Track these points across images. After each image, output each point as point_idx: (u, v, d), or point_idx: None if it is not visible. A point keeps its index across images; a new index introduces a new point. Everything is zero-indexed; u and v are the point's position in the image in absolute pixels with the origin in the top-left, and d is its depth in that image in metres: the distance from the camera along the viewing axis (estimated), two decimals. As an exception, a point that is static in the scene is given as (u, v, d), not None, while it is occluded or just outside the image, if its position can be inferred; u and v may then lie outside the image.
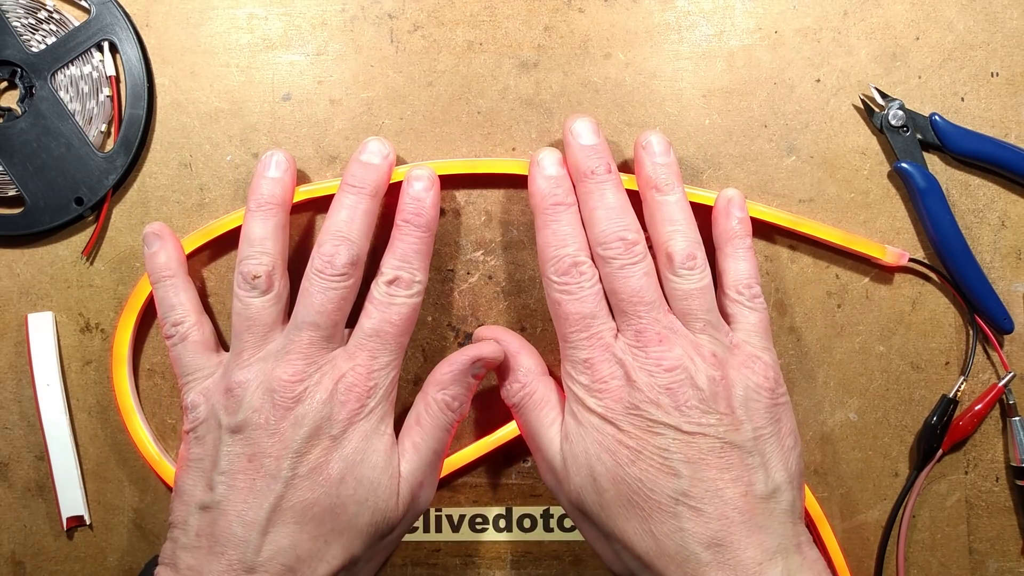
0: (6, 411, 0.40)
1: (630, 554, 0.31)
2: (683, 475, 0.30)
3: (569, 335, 0.33)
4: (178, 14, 0.40)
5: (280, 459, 0.31)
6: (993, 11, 0.39)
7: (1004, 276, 0.39)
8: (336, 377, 0.32)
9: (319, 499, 0.31)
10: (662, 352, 0.32)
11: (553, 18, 0.39)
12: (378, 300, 0.34)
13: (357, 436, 0.32)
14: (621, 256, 0.33)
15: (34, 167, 0.39)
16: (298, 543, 0.30)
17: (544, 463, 0.35)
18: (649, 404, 0.31)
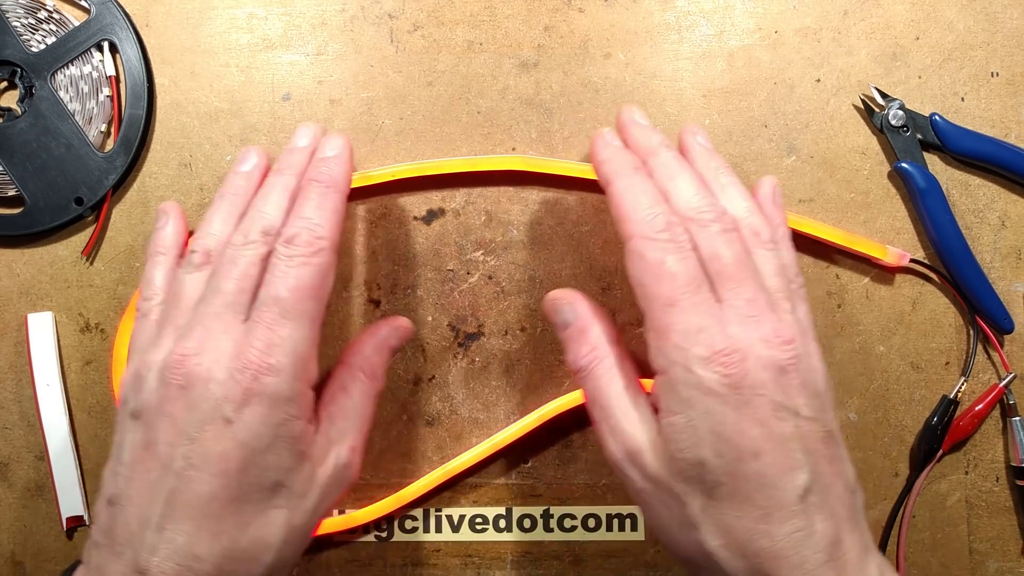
0: (6, 411, 0.40)
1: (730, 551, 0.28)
2: (805, 468, 0.27)
3: (679, 299, 0.29)
4: (178, 14, 0.40)
5: (173, 447, 0.28)
6: (993, 11, 0.39)
7: (1004, 276, 0.39)
8: (234, 352, 0.29)
9: (217, 492, 0.28)
10: (778, 325, 0.29)
11: (553, 18, 0.39)
12: (275, 263, 0.30)
13: (257, 419, 0.28)
14: (720, 220, 0.30)
15: (34, 167, 0.39)
16: (195, 542, 0.28)
17: (614, 435, 0.31)
18: (772, 383, 0.28)
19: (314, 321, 0.30)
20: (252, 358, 0.28)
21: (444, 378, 0.40)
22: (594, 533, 0.40)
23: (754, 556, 0.28)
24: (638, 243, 0.30)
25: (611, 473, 0.40)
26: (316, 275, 0.30)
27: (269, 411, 0.28)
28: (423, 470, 0.40)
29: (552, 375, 0.39)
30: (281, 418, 0.28)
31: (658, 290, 0.29)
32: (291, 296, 0.30)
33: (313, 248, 0.30)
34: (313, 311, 0.30)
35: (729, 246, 0.30)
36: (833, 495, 0.28)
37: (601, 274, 0.39)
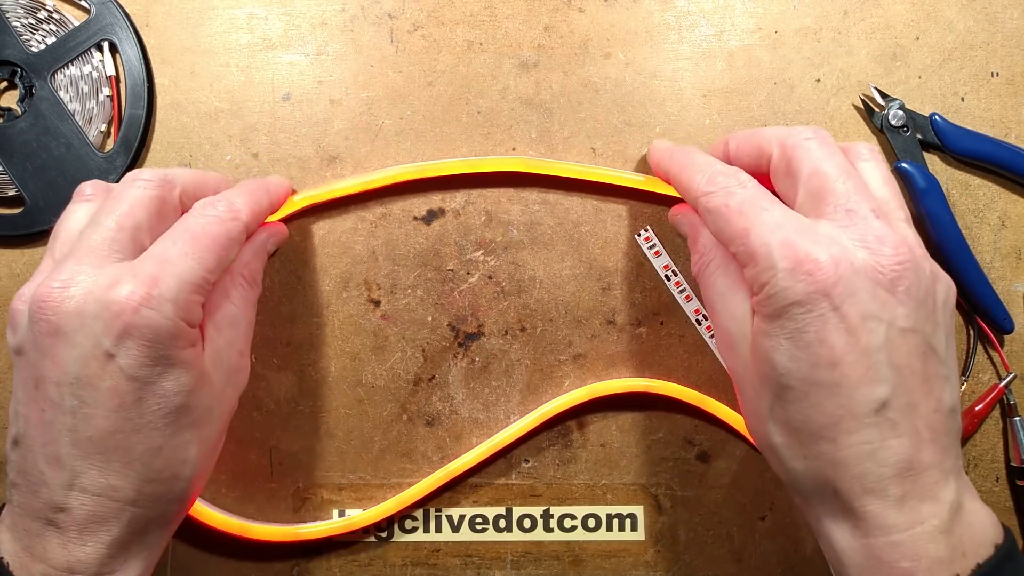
0: (6, 411, 0.40)
1: (792, 451, 0.29)
2: (887, 382, 0.27)
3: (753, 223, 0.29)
4: (178, 14, 0.40)
5: (60, 386, 0.27)
6: (993, 11, 0.39)
7: (1004, 276, 0.39)
8: (109, 284, 0.27)
9: (118, 425, 0.28)
10: (883, 231, 0.28)
11: (553, 18, 0.39)
12: (184, 217, 0.31)
13: (140, 351, 0.27)
14: (817, 135, 0.30)
15: (34, 167, 0.39)
16: (108, 474, 0.28)
17: (717, 330, 0.32)
18: (866, 291, 0.27)
19: (207, 272, 0.29)
20: (132, 290, 0.27)
21: (444, 378, 0.40)
22: (594, 533, 0.40)
23: (815, 459, 0.28)
24: (702, 202, 0.31)
25: (611, 473, 0.40)
26: (223, 234, 0.30)
27: (152, 344, 0.27)
28: (423, 470, 0.40)
29: (552, 375, 0.39)
30: (165, 349, 0.28)
31: (732, 228, 0.29)
32: (192, 239, 0.29)
33: (229, 215, 0.31)
34: (209, 263, 0.29)
35: (830, 158, 0.29)
36: (918, 414, 0.27)
37: (601, 274, 0.39)
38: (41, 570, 0.28)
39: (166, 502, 0.29)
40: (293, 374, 0.40)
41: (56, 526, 0.28)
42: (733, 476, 0.39)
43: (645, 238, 0.39)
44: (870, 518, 0.27)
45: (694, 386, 0.39)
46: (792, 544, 0.39)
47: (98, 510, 0.28)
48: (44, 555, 0.28)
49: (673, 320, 0.39)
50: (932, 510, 0.27)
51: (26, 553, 0.28)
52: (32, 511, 0.28)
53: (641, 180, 0.38)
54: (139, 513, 0.29)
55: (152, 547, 0.30)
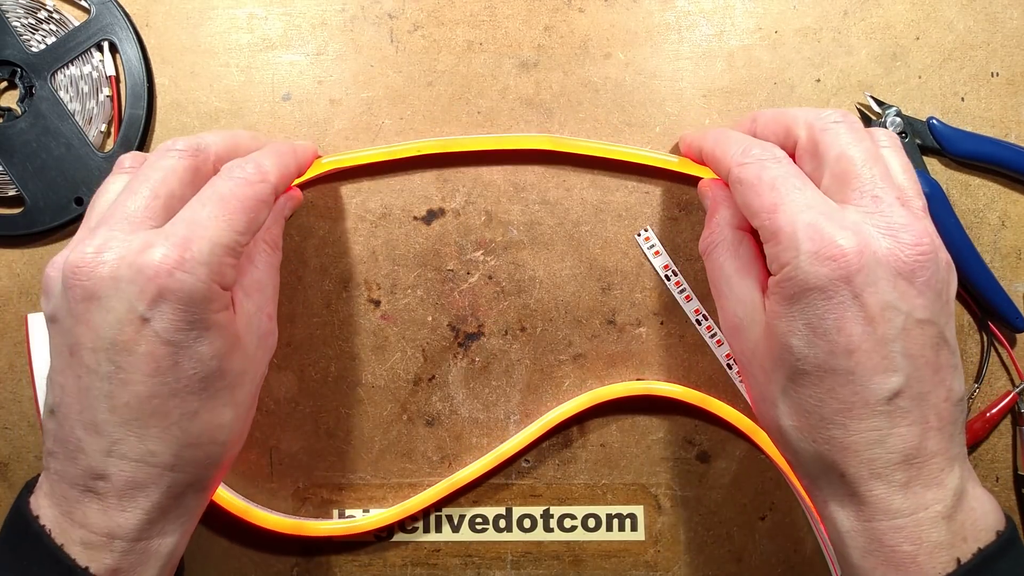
0: (6, 411, 0.40)
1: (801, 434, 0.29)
2: (900, 371, 0.27)
3: (781, 201, 0.28)
4: (178, 14, 0.40)
5: (96, 352, 0.27)
6: (993, 11, 0.39)
7: (1004, 276, 0.39)
8: (142, 249, 0.27)
9: (155, 390, 0.27)
10: (908, 220, 0.28)
11: (553, 18, 0.39)
12: (213, 180, 0.30)
13: (176, 315, 0.27)
14: (845, 120, 0.30)
15: (34, 167, 0.39)
16: (146, 439, 0.28)
17: (723, 312, 0.33)
18: (887, 280, 0.27)
19: (238, 235, 0.29)
20: (166, 253, 0.27)
21: (444, 378, 0.40)
22: (594, 533, 0.40)
23: (824, 443, 0.28)
24: (734, 172, 0.31)
25: (611, 473, 0.40)
26: (252, 196, 0.30)
27: (186, 307, 0.27)
28: (423, 470, 0.40)
29: (552, 375, 0.39)
30: (200, 313, 0.28)
31: (760, 202, 0.29)
32: (221, 202, 0.29)
33: (257, 177, 0.31)
34: (240, 225, 0.29)
35: (858, 143, 0.29)
36: (928, 403, 0.27)
37: (601, 274, 0.39)
38: (81, 535, 0.28)
39: (204, 467, 0.29)
40: (293, 374, 0.40)
41: (96, 492, 0.28)
42: (733, 476, 0.39)
43: (645, 238, 0.39)
44: (875, 502, 0.27)
45: (694, 386, 0.39)
46: (792, 544, 0.39)
47: (137, 476, 0.28)
48: (84, 520, 0.28)
49: (673, 320, 0.39)
50: (936, 496, 0.27)
51: (66, 519, 0.28)
52: (71, 478, 0.28)
53: (675, 162, 0.38)
54: (178, 478, 0.29)
55: (190, 511, 0.30)
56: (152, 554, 0.29)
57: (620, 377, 0.39)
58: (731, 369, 0.39)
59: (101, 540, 0.28)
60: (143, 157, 0.32)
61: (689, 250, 0.39)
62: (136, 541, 0.28)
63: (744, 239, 0.33)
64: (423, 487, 0.39)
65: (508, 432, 0.40)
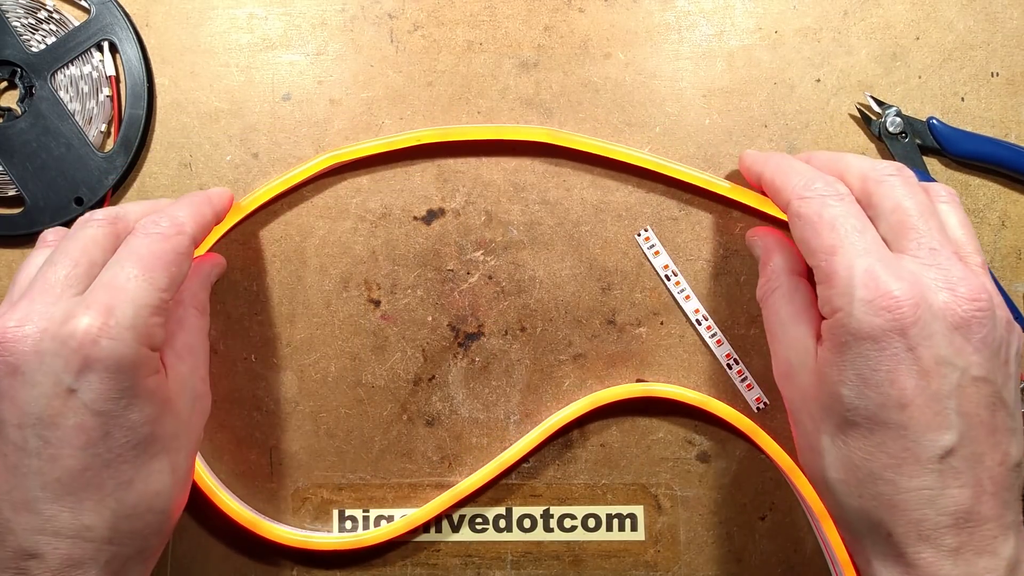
0: None
1: (848, 487, 0.28)
2: (954, 429, 0.26)
3: (840, 244, 0.28)
4: (178, 14, 0.40)
5: (23, 428, 0.27)
6: (993, 11, 0.39)
7: (1004, 276, 0.39)
8: (63, 319, 0.27)
9: (88, 463, 0.27)
10: (965, 274, 0.27)
11: (553, 18, 0.39)
12: (129, 238, 0.30)
13: (103, 384, 0.27)
14: (900, 174, 0.30)
15: (34, 167, 0.39)
16: (80, 515, 0.27)
17: (776, 358, 0.32)
18: (942, 335, 0.26)
19: (161, 292, 0.28)
20: (89, 322, 0.26)
21: (444, 378, 0.40)
22: (594, 533, 0.40)
23: (871, 499, 0.27)
24: (794, 205, 0.30)
25: (611, 473, 0.40)
26: (170, 250, 0.29)
27: (114, 375, 0.27)
28: (423, 470, 0.40)
29: (552, 375, 0.39)
30: (129, 379, 0.27)
31: (818, 241, 0.29)
32: (140, 261, 0.28)
33: (172, 230, 0.30)
34: (162, 282, 0.28)
35: (912, 196, 0.29)
36: (982, 465, 0.26)
37: (601, 274, 0.39)
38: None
39: (143, 537, 0.29)
40: (293, 374, 0.40)
41: (29, 574, 0.27)
42: (733, 476, 0.39)
43: (645, 238, 0.39)
44: (923, 566, 0.26)
45: (694, 386, 0.39)
46: (792, 544, 0.39)
47: (73, 552, 0.27)
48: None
49: (673, 320, 0.39)
50: (989, 565, 0.26)
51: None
52: (1, 562, 0.27)
53: (727, 187, 0.38)
54: (116, 551, 0.28)
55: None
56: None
57: (620, 377, 0.39)
58: (731, 369, 0.39)
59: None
60: (61, 230, 0.32)
61: (689, 250, 0.39)
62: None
63: (800, 285, 0.32)
64: (423, 487, 0.39)
65: (508, 432, 0.40)
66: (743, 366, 0.39)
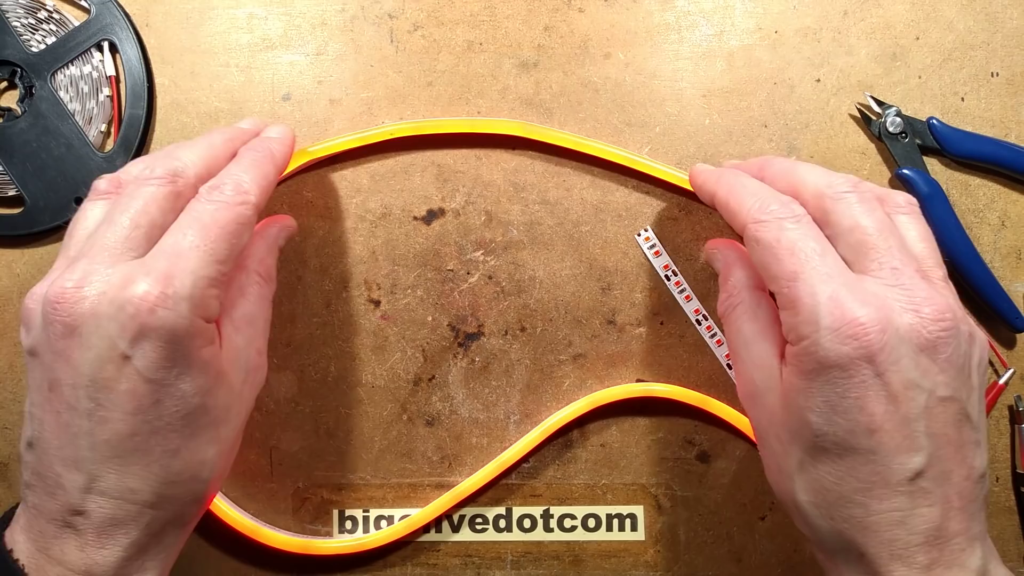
0: (6, 411, 0.40)
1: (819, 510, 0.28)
2: (923, 451, 0.26)
3: (802, 271, 0.27)
4: (178, 14, 0.40)
5: (76, 388, 0.27)
6: (993, 11, 0.39)
7: (1004, 276, 0.39)
8: (123, 284, 0.27)
9: (136, 428, 0.27)
10: (929, 293, 0.27)
11: (553, 18, 0.39)
12: (192, 204, 0.30)
13: (157, 353, 0.27)
14: (856, 190, 0.29)
15: (34, 167, 0.39)
16: (127, 477, 0.27)
17: (740, 377, 0.32)
18: (909, 358, 0.26)
19: (220, 264, 0.28)
20: (147, 289, 0.26)
21: (444, 378, 0.40)
22: (594, 533, 0.40)
23: (843, 521, 0.27)
24: (751, 230, 0.29)
25: (611, 473, 0.40)
26: (233, 220, 0.29)
27: (168, 345, 0.27)
28: (423, 470, 0.40)
29: (552, 375, 0.39)
30: (182, 349, 0.27)
31: (779, 267, 0.28)
32: (202, 230, 0.28)
33: (237, 199, 0.29)
34: (222, 253, 0.28)
35: (870, 213, 0.28)
36: (950, 482, 0.27)
37: (601, 274, 0.39)
38: (58, 572, 0.27)
39: (184, 503, 0.29)
40: (293, 374, 0.40)
41: (74, 528, 0.27)
42: (733, 476, 0.39)
43: (645, 238, 0.39)
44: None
45: (694, 386, 0.39)
46: (792, 544, 0.39)
47: (116, 513, 0.27)
48: (61, 557, 0.27)
49: (673, 320, 0.39)
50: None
51: (42, 555, 0.28)
52: (48, 513, 0.28)
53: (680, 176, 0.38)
54: (157, 515, 0.28)
55: (169, 548, 0.30)
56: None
57: (620, 377, 0.39)
58: (731, 369, 0.39)
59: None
60: (117, 180, 0.31)
61: (689, 250, 0.39)
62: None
63: (762, 300, 0.32)
64: (423, 487, 0.39)
65: (508, 432, 0.40)
66: (743, 366, 0.39)
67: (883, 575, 0.27)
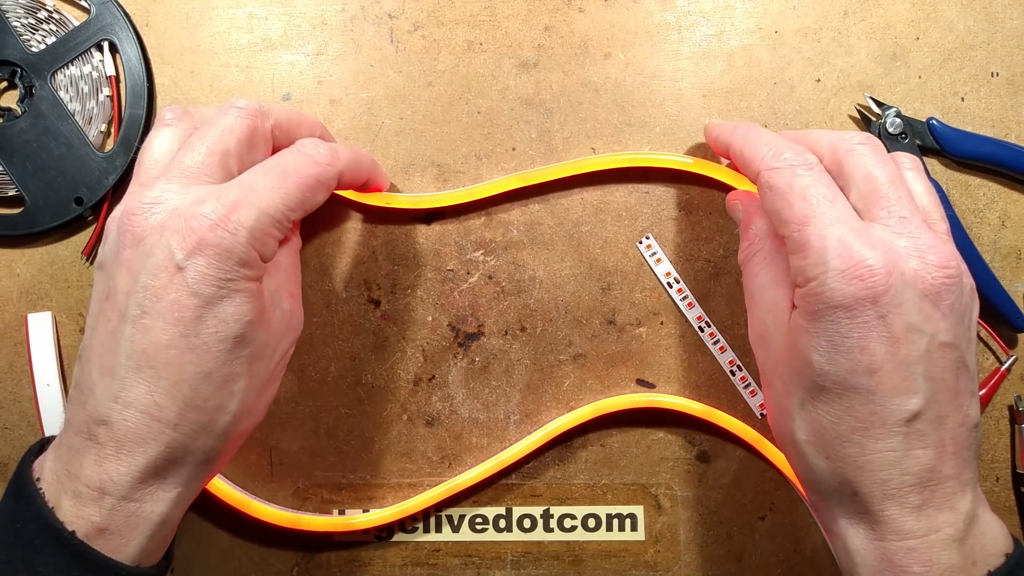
0: (6, 411, 0.40)
1: (816, 448, 0.29)
2: (921, 393, 0.27)
3: (812, 215, 0.28)
4: (178, 14, 0.40)
5: (129, 295, 0.28)
6: (993, 11, 0.39)
7: (1004, 276, 0.39)
8: (194, 202, 0.28)
9: (174, 340, 0.27)
10: (935, 242, 0.28)
11: (553, 18, 0.39)
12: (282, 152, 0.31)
13: (208, 269, 0.27)
14: (868, 142, 0.30)
15: (34, 167, 0.39)
16: (155, 390, 0.28)
17: (752, 320, 0.33)
18: (913, 302, 0.27)
19: (289, 211, 0.29)
20: (214, 208, 0.28)
21: (444, 378, 0.40)
22: (594, 533, 0.40)
23: (838, 460, 0.28)
24: (764, 176, 0.30)
25: (611, 473, 0.40)
26: (314, 176, 0.30)
27: (221, 263, 0.28)
28: (423, 469, 0.40)
29: (552, 375, 0.39)
30: (233, 273, 0.28)
31: (790, 212, 0.29)
32: (282, 174, 0.30)
33: (325, 159, 0.31)
34: (293, 201, 0.30)
35: (882, 165, 0.29)
36: (945, 427, 0.27)
37: (601, 274, 0.39)
38: (74, 488, 0.28)
39: (206, 434, 0.29)
40: (293, 374, 0.40)
41: (96, 441, 0.28)
42: (733, 476, 0.39)
43: (647, 246, 0.39)
44: (887, 522, 0.27)
45: (694, 386, 0.39)
46: (792, 544, 0.39)
47: (138, 428, 0.28)
48: (79, 472, 0.28)
49: (673, 320, 0.39)
50: (948, 519, 0.27)
51: (64, 471, 0.28)
52: (77, 425, 0.28)
53: (691, 163, 0.38)
54: (178, 439, 0.28)
55: (187, 482, 0.29)
56: (141, 518, 0.28)
57: (620, 377, 0.39)
58: (734, 376, 0.39)
59: (92, 494, 0.27)
60: (183, 110, 0.32)
61: (690, 250, 0.39)
62: (126, 500, 0.28)
63: (781, 249, 0.32)
64: (423, 487, 0.39)
65: (508, 432, 0.40)
66: (746, 372, 0.39)
67: (875, 514, 0.28)
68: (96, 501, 0.27)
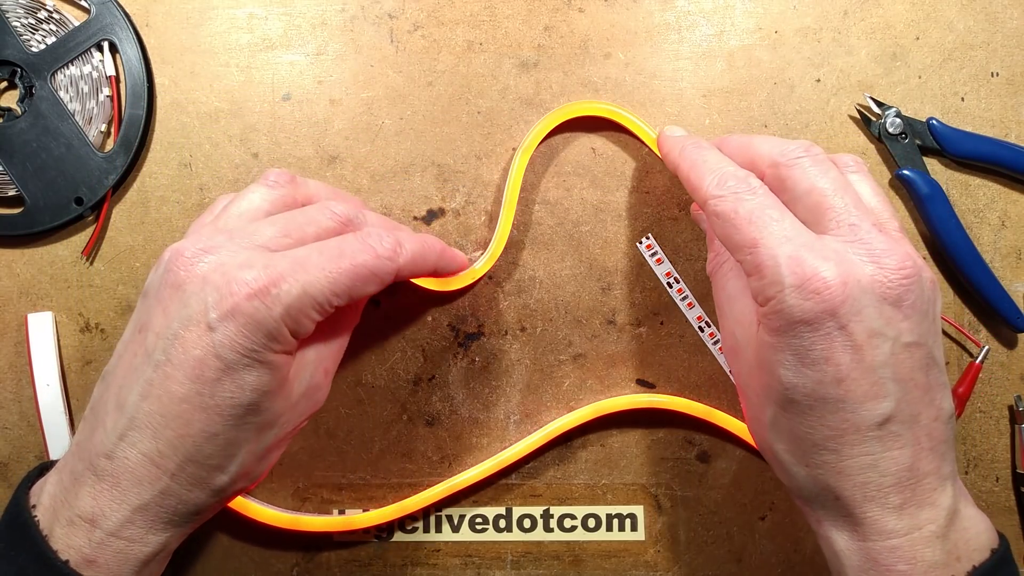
0: (6, 411, 0.40)
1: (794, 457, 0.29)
2: (891, 396, 0.27)
3: (761, 237, 0.28)
4: (178, 14, 0.40)
5: (159, 338, 0.28)
6: (993, 11, 0.39)
7: (1004, 276, 0.39)
8: (241, 265, 0.28)
9: (189, 395, 0.28)
10: (888, 244, 0.28)
11: (553, 18, 0.39)
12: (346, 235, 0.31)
13: (237, 336, 0.27)
14: (809, 153, 0.30)
15: (34, 167, 0.39)
16: (160, 438, 0.28)
17: (723, 332, 0.33)
18: (872, 307, 0.27)
19: (334, 296, 0.29)
20: (256, 277, 0.27)
21: (444, 378, 0.40)
22: (594, 533, 0.40)
23: (816, 467, 0.29)
24: (710, 205, 0.30)
25: (611, 473, 0.40)
26: (370, 268, 0.30)
27: (250, 334, 0.27)
28: (423, 469, 0.40)
29: (552, 375, 0.39)
30: (260, 344, 0.28)
31: (740, 237, 0.29)
32: (337, 258, 0.29)
33: (386, 252, 0.30)
34: (341, 287, 0.29)
35: (825, 175, 0.29)
36: (919, 424, 0.28)
37: (601, 274, 0.39)
38: (68, 516, 0.28)
39: (202, 488, 0.29)
40: (293, 374, 0.40)
41: (95, 472, 0.28)
42: (733, 476, 0.39)
43: (647, 245, 0.39)
44: (870, 523, 0.28)
45: (694, 386, 0.39)
46: (792, 544, 0.39)
47: (137, 469, 0.28)
48: (75, 501, 0.28)
49: (673, 320, 0.39)
50: (930, 515, 0.28)
51: (62, 495, 0.28)
52: (83, 453, 0.29)
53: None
54: (173, 488, 0.29)
55: (174, 528, 0.30)
56: (129, 556, 0.28)
57: (620, 377, 0.39)
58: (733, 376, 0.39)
59: (84, 524, 0.28)
60: (290, 177, 0.32)
61: (690, 250, 0.39)
62: (115, 536, 0.28)
63: None
64: (423, 487, 0.39)
65: (508, 432, 0.40)
66: (743, 366, 0.39)
67: (857, 516, 0.28)
68: (87, 532, 0.28)
